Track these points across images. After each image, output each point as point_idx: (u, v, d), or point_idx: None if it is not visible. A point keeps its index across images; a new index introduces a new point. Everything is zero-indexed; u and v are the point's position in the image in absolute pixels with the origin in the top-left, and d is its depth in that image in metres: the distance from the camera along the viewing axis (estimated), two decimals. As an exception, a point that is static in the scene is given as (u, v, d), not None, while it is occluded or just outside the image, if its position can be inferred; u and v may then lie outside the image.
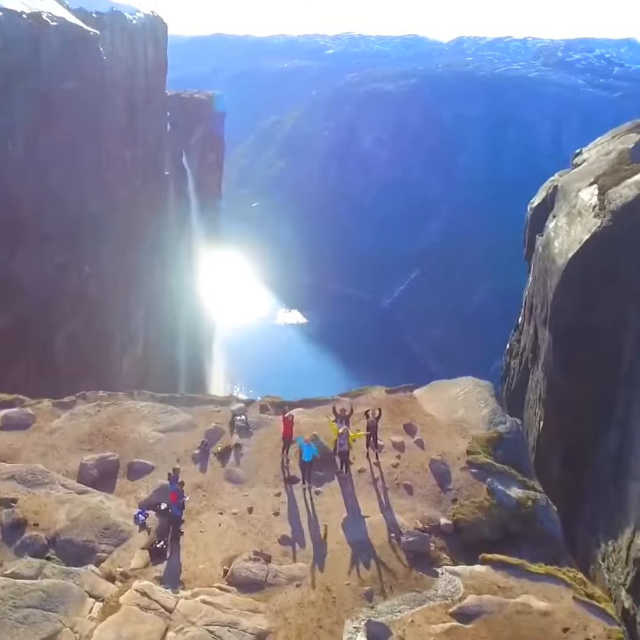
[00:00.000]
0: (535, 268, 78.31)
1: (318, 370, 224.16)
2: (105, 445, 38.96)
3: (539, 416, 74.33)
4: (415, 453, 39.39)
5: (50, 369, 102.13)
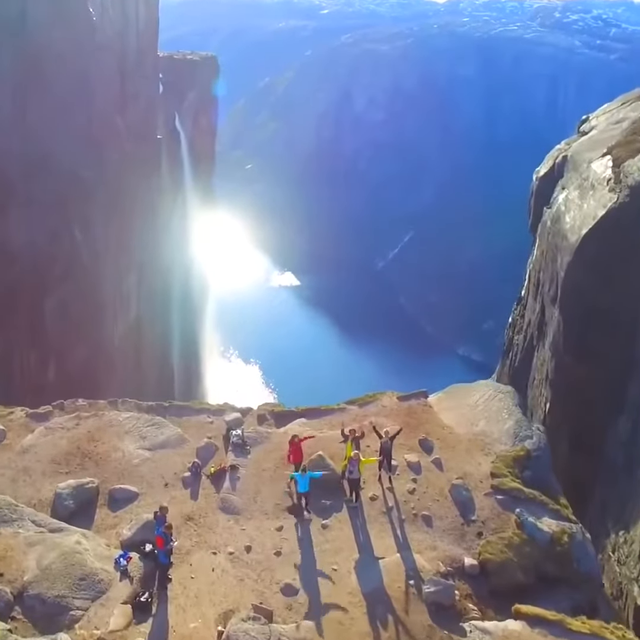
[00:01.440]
0: (542, 242, 72.75)
1: (312, 333, 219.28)
2: (84, 467, 33.36)
3: (545, 397, 69.59)
4: (433, 475, 33.87)
5: (40, 336, 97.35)
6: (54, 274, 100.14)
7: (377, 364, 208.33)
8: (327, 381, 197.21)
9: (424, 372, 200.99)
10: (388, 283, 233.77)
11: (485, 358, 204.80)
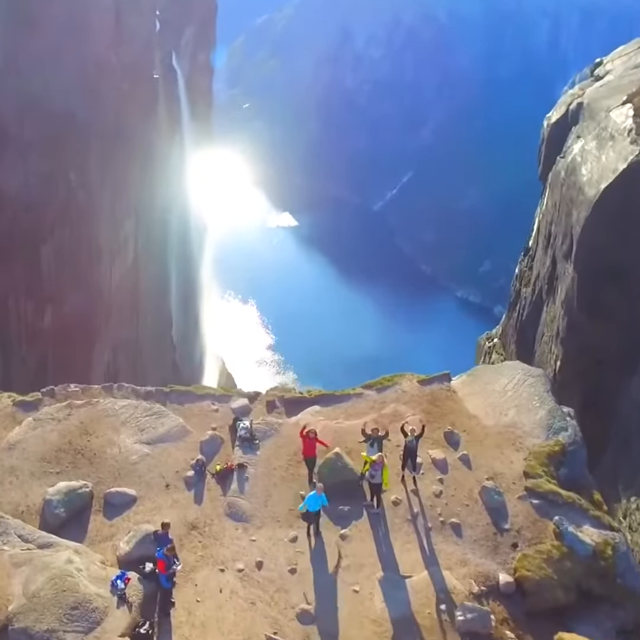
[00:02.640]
0: (554, 193, 68.24)
1: (309, 274, 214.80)
2: (77, 466, 29.44)
3: (555, 355, 66.08)
4: (461, 475, 30.00)
5: (36, 283, 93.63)
6: (49, 219, 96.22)
7: (375, 305, 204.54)
8: (324, 321, 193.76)
9: (422, 314, 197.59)
10: (386, 224, 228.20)
11: (483, 300, 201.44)
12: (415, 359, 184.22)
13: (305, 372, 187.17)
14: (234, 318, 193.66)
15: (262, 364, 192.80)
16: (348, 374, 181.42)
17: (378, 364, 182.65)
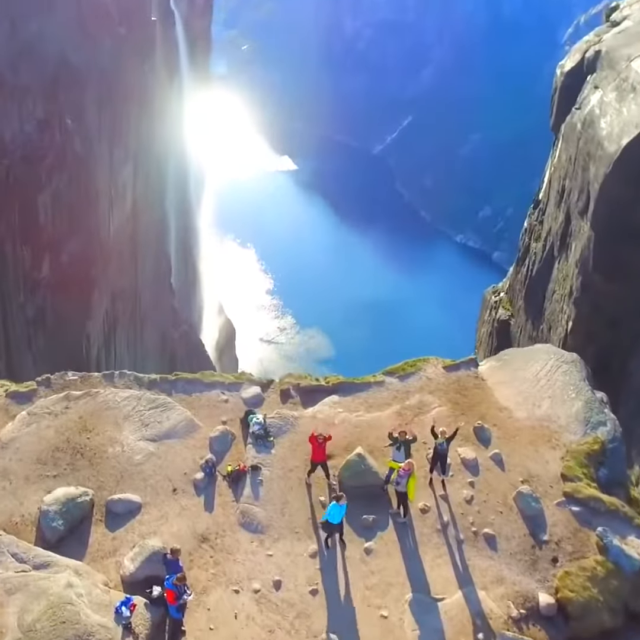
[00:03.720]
0: (569, 146, 64.26)
1: (308, 218, 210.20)
2: (75, 468, 26.28)
3: (567, 315, 63.09)
4: (493, 477, 26.98)
5: (33, 231, 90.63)
6: (46, 166, 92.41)
7: (374, 250, 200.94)
8: (323, 266, 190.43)
9: (420, 259, 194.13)
10: (385, 168, 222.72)
11: (482, 245, 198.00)
12: (415, 305, 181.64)
13: (303, 316, 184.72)
14: (233, 263, 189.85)
15: (261, 308, 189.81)
16: (347, 319, 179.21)
17: (377, 308, 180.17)
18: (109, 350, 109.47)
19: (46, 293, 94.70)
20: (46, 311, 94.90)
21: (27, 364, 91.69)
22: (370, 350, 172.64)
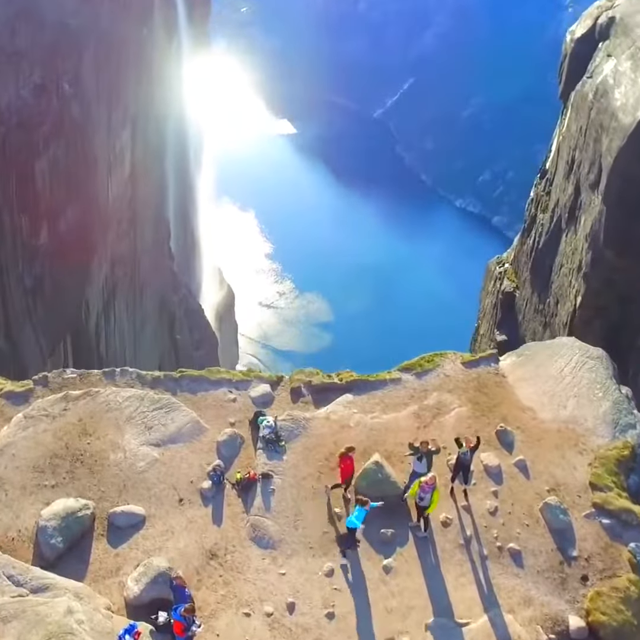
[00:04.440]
0: (580, 116, 61.82)
1: (308, 182, 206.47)
2: (75, 477, 24.41)
3: (575, 289, 61.32)
4: (518, 485, 25.20)
5: (31, 199, 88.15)
6: (43, 132, 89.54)
7: (373, 214, 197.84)
8: (323, 230, 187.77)
9: (420, 224, 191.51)
10: (386, 131, 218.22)
11: (482, 210, 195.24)
12: (414, 269, 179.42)
13: (303, 281, 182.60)
14: (232, 227, 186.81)
15: (260, 272, 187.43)
16: (346, 283, 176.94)
17: (377, 273, 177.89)
18: (108, 317, 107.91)
19: (44, 261, 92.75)
20: (45, 280, 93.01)
21: (27, 333, 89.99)
22: (369, 315, 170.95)
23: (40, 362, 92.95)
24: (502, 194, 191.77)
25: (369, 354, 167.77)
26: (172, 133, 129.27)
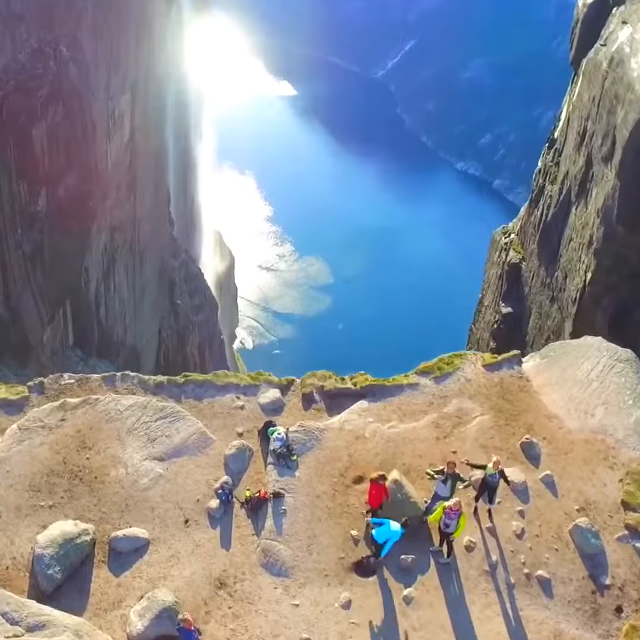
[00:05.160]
0: (593, 85, 59.33)
1: (308, 145, 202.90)
2: (74, 496, 22.51)
3: (585, 265, 59.53)
4: (546, 504, 23.33)
5: (29, 165, 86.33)
6: (41, 97, 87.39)
7: (374, 176, 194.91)
8: (323, 192, 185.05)
9: (421, 186, 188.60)
10: (387, 93, 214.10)
11: (483, 173, 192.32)
12: (414, 232, 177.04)
13: (303, 244, 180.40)
14: (232, 190, 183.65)
15: (260, 235, 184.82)
16: (346, 246, 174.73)
17: (377, 235, 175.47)
18: (108, 283, 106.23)
19: (43, 228, 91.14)
20: (44, 246, 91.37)
21: (26, 300, 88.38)
22: (369, 278, 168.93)
23: (39, 328, 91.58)
24: (503, 156, 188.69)
25: (369, 317, 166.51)
26: (172, 97, 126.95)
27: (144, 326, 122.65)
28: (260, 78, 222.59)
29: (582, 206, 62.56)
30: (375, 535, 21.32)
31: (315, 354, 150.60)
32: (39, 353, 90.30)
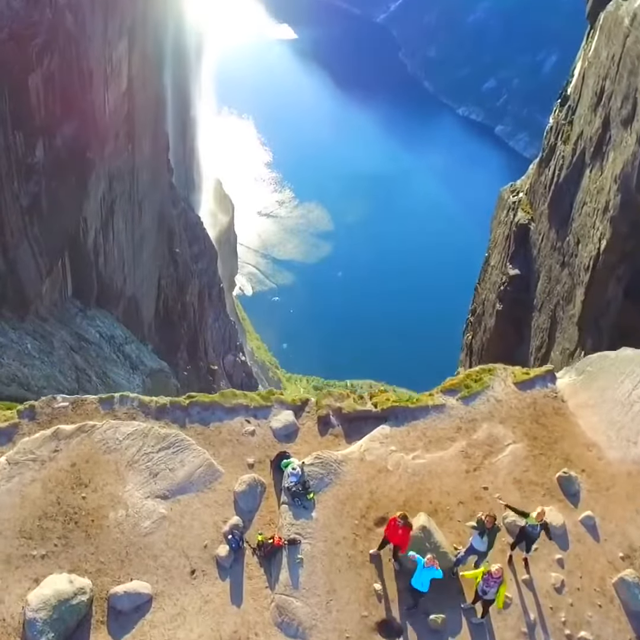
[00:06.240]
0: (612, 43, 55.79)
1: (308, 89, 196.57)
2: (69, 544, 19.95)
3: (600, 232, 56.70)
4: (587, 551, 20.79)
5: (25, 115, 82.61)
6: (37, 44, 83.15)
7: (374, 122, 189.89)
8: (323, 137, 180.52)
9: (422, 132, 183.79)
10: (388, 37, 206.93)
11: (485, 118, 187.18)
12: (414, 178, 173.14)
13: (303, 190, 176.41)
14: (232, 136, 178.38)
15: (259, 181, 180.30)
16: (346, 192, 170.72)
17: (377, 181, 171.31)
18: (107, 233, 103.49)
19: (41, 179, 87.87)
20: (41, 198, 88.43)
21: (23, 252, 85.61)
22: (369, 224, 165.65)
23: (38, 281, 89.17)
24: (505, 102, 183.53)
25: (369, 264, 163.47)
26: (171, 42, 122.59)
27: (143, 275, 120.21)
28: (260, 21, 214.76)
29: (597, 169, 59.29)
30: (414, 583, 18.82)
31: (314, 301, 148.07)
32: (37, 306, 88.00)
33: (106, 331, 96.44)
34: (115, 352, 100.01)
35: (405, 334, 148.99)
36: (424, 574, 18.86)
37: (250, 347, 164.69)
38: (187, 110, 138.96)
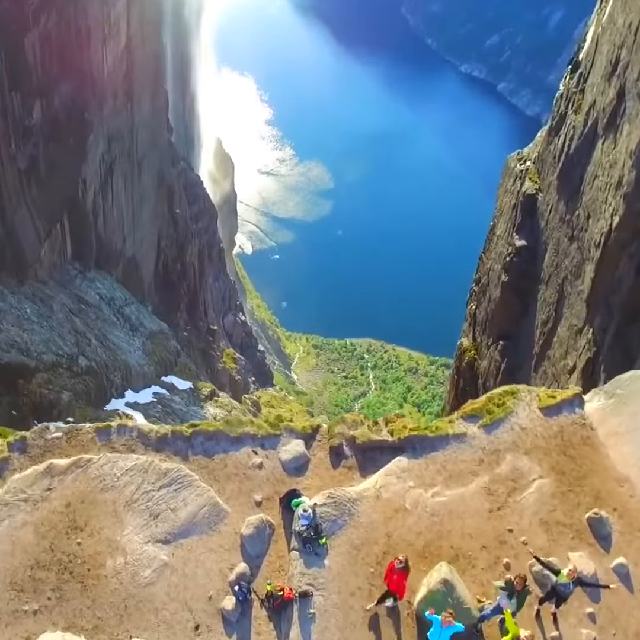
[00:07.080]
0: (629, 8, 53.00)
1: (309, 45, 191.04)
2: (63, 597, 18.20)
3: (612, 208, 54.05)
4: (620, 604, 19.09)
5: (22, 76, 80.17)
6: (33, 3, 79.24)
7: (376, 79, 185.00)
8: (324, 94, 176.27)
9: (423, 89, 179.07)
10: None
11: (487, 76, 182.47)
12: (416, 135, 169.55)
13: (303, 147, 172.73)
14: (231, 93, 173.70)
15: (259, 139, 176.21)
16: (347, 150, 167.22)
17: (378, 139, 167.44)
18: (106, 194, 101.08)
19: (38, 140, 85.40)
20: (39, 160, 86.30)
21: (22, 216, 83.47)
22: (369, 183, 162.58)
23: (37, 244, 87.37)
24: (509, 59, 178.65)
25: (369, 223, 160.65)
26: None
27: (143, 236, 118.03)
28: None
29: (610, 142, 56.28)
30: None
31: (314, 259, 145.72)
32: (36, 269, 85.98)
33: (106, 293, 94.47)
34: (115, 314, 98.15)
35: (405, 295, 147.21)
36: (443, 633, 17.04)
37: (250, 305, 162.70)
38: (187, 68, 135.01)
